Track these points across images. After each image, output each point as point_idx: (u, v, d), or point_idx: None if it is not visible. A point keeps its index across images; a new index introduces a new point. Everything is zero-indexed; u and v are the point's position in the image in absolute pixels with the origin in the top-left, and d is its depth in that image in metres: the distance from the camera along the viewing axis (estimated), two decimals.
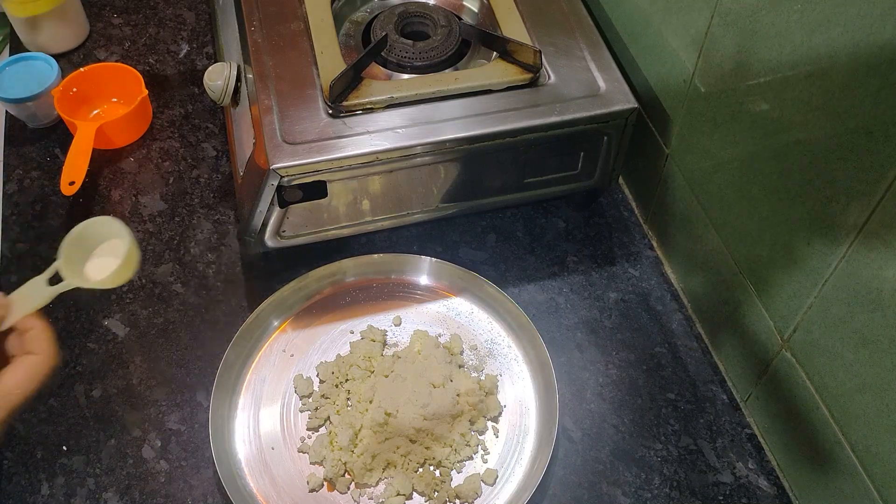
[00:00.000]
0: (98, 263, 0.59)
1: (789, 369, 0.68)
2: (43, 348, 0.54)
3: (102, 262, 0.59)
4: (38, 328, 0.54)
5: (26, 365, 0.53)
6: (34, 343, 0.54)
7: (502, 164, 0.78)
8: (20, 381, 0.52)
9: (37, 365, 0.53)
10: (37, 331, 0.54)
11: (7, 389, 0.52)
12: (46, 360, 0.54)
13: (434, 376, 0.74)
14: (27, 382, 0.52)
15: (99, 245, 0.60)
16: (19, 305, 0.55)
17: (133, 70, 0.94)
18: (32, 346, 0.53)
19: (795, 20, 0.57)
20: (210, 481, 0.71)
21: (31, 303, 0.55)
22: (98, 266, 0.59)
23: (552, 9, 0.84)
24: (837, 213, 0.57)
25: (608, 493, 0.72)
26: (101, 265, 0.59)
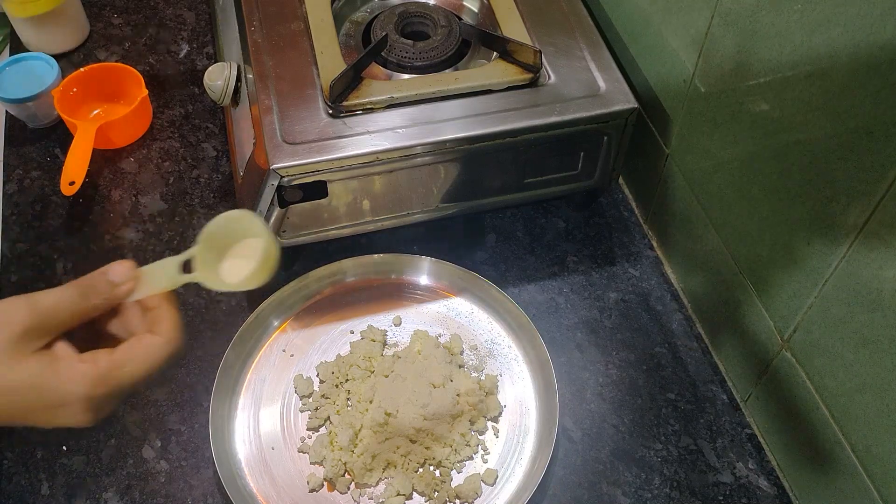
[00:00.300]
0: (233, 265, 0.55)
1: (789, 369, 0.68)
2: (165, 330, 0.50)
3: (237, 264, 0.55)
4: (164, 308, 0.51)
5: (144, 344, 0.49)
6: (158, 323, 0.50)
7: (502, 164, 0.78)
8: (134, 359, 0.49)
9: (155, 346, 0.50)
10: (162, 311, 0.51)
11: (119, 363, 0.48)
12: (167, 344, 0.50)
13: (434, 376, 0.74)
14: (142, 362, 0.49)
15: (236, 244, 0.55)
16: (148, 281, 0.52)
17: (133, 70, 0.94)
18: (155, 325, 0.50)
19: (795, 20, 0.57)
20: (210, 481, 0.71)
21: (159, 282, 0.52)
22: (232, 267, 0.55)
23: (552, 9, 0.84)
24: (837, 213, 0.57)
25: (608, 493, 0.72)
26: (236, 267, 0.55)
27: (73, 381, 0.46)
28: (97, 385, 0.47)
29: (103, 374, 0.47)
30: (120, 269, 0.51)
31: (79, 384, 0.46)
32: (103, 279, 0.50)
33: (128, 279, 0.51)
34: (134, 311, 0.52)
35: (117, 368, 0.48)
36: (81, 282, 0.49)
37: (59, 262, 0.83)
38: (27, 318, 0.46)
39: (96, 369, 0.47)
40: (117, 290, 0.50)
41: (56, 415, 0.47)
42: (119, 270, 0.51)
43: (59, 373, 0.46)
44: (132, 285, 0.51)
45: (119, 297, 0.51)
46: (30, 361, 0.46)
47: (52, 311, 0.47)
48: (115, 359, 0.48)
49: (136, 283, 0.51)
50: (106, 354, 0.48)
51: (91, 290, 0.49)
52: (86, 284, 0.49)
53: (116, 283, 0.50)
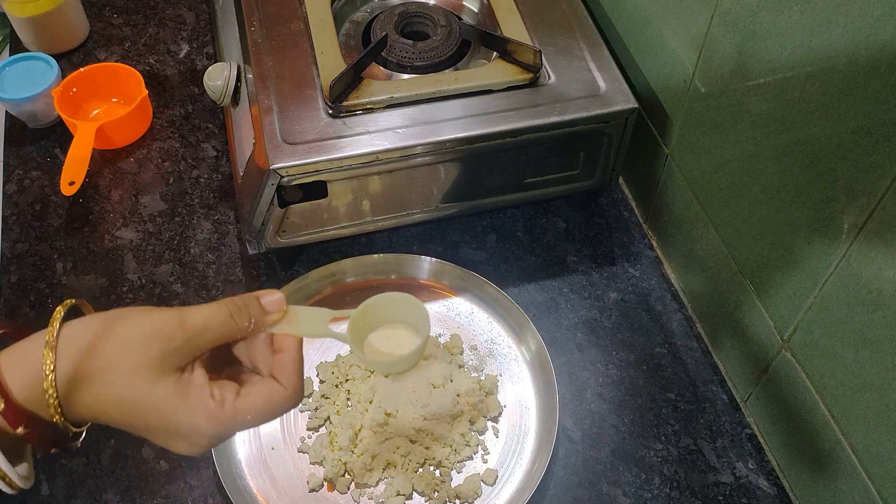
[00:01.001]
0: (380, 339, 0.54)
1: (789, 369, 0.68)
2: (291, 381, 0.49)
3: (386, 340, 0.54)
4: (292, 354, 0.50)
5: (267, 393, 0.48)
6: (284, 371, 0.49)
7: (502, 164, 0.78)
8: (256, 408, 0.48)
9: (279, 398, 0.48)
10: (291, 357, 0.50)
11: (241, 410, 0.47)
12: (291, 397, 0.49)
13: (434, 376, 0.74)
14: (263, 413, 0.48)
15: (389, 323, 0.55)
16: (294, 321, 0.51)
17: (133, 70, 0.94)
18: (281, 373, 0.49)
19: (795, 20, 0.57)
20: (210, 481, 0.71)
21: (306, 326, 0.51)
22: (380, 341, 0.54)
23: (552, 9, 0.84)
24: (837, 213, 0.57)
25: (608, 493, 0.72)
26: (384, 341, 0.54)
27: (198, 416, 0.46)
28: (219, 426, 0.46)
29: (228, 418, 0.46)
30: (272, 298, 0.50)
31: (203, 421, 0.46)
32: (256, 304, 0.50)
33: (278, 310, 0.50)
34: (264, 345, 0.51)
35: (241, 415, 0.47)
36: (234, 301, 0.49)
37: (59, 262, 0.84)
38: (178, 336, 0.46)
39: (222, 412, 0.46)
40: (266, 318, 0.50)
41: (170, 440, 0.46)
42: (272, 299, 0.50)
43: (189, 404, 0.46)
44: (280, 317, 0.51)
45: (265, 324, 0.50)
46: (167, 381, 0.45)
47: (201, 330, 0.47)
48: (241, 405, 0.47)
49: (283, 315, 0.51)
50: (232, 394, 0.47)
51: (242, 312, 0.49)
52: (238, 304, 0.49)
53: (268, 311, 0.50)
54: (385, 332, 0.55)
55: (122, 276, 0.83)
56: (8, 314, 0.80)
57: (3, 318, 0.79)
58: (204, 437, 0.46)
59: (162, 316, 0.46)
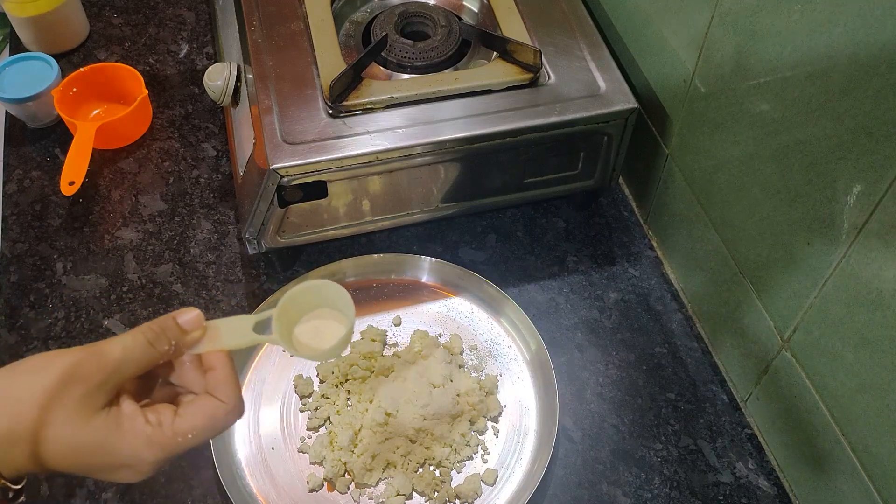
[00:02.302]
0: (308, 329, 0.53)
1: (789, 369, 0.68)
2: (230, 396, 0.48)
3: (313, 329, 0.53)
4: (226, 371, 0.49)
5: (208, 410, 0.48)
6: (220, 387, 0.48)
7: (502, 164, 0.78)
8: (197, 427, 0.47)
9: (220, 414, 0.48)
10: (224, 374, 0.49)
11: (182, 430, 0.46)
12: (232, 412, 0.48)
13: (434, 376, 0.74)
14: (205, 431, 0.47)
15: (313, 310, 0.54)
16: (216, 336, 0.50)
17: (133, 70, 0.94)
18: (217, 389, 0.48)
19: (795, 20, 0.57)
20: (210, 481, 0.71)
21: (229, 339, 0.50)
22: (308, 332, 0.53)
23: (552, 9, 0.84)
24: (837, 213, 0.57)
25: (608, 493, 0.72)
26: (312, 331, 0.53)
27: (137, 445, 0.45)
28: (160, 451, 0.46)
29: (167, 440, 0.46)
30: (190, 317, 0.49)
31: (142, 449, 0.45)
32: (173, 324, 0.49)
33: (197, 328, 0.50)
34: (191, 366, 0.50)
35: (181, 436, 0.46)
36: (151, 327, 0.48)
37: (59, 262, 0.84)
38: (98, 373, 0.45)
39: (161, 435, 0.46)
40: (186, 339, 0.49)
41: (116, 473, 0.46)
42: (189, 317, 0.49)
43: (126, 435, 0.45)
44: (200, 335, 0.50)
45: (186, 345, 0.49)
46: (97, 421, 0.45)
47: (121, 364, 0.46)
48: (180, 426, 0.46)
49: (203, 333, 0.50)
50: (170, 417, 0.47)
51: (160, 336, 0.48)
52: (155, 330, 0.48)
53: (186, 330, 0.49)
54: (311, 321, 0.54)
55: (122, 276, 0.83)
56: (8, 314, 0.80)
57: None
58: (147, 464, 0.46)
59: (76, 356, 0.45)
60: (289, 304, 0.52)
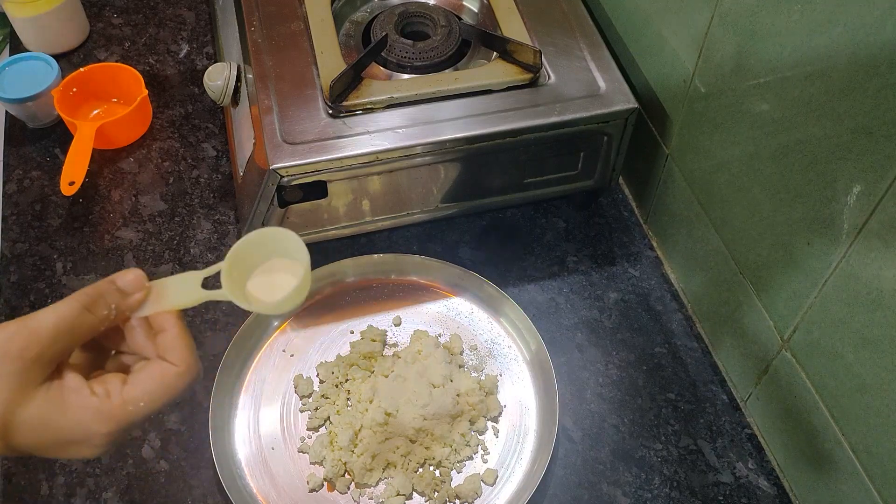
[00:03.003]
0: (261, 283, 0.49)
1: (789, 369, 0.68)
2: (181, 358, 0.45)
3: (266, 282, 0.49)
4: (175, 332, 0.46)
5: (158, 374, 0.45)
6: (170, 349, 0.45)
7: (502, 164, 0.78)
8: (148, 393, 0.44)
9: (172, 377, 0.45)
10: (174, 335, 0.46)
11: (132, 398, 0.44)
12: (184, 374, 0.45)
13: (434, 376, 0.74)
14: (157, 396, 0.44)
15: (266, 262, 0.50)
16: (162, 295, 0.46)
17: (133, 70, 0.94)
18: (168, 352, 0.45)
19: (795, 20, 0.57)
20: (210, 481, 0.71)
21: (175, 297, 0.46)
22: (262, 285, 0.49)
23: (552, 9, 0.84)
24: (837, 213, 0.57)
25: (608, 493, 0.72)
26: (265, 285, 0.49)
27: (84, 418, 0.43)
28: (110, 422, 0.43)
29: (117, 410, 0.43)
30: (130, 278, 0.46)
31: (91, 421, 0.43)
32: (111, 288, 0.46)
33: (138, 289, 0.46)
34: (140, 330, 0.47)
35: (132, 404, 0.44)
36: (86, 292, 0.45)
37: (58, 262, 0.84)
38: (31, 346, 0.42)
39: (109, 405, 0.43)
40: (127, 301, 0.46)
41: (68, 450, 0.44)
42: (129, 279, 0.46)
43: (70, 409, 0.43)
44: (143, 296, 0.46)
45: (129, 308, 0.46)
46: (37, 396, 0.42)
47: (54, 334, 0.43)
48: (129, 394, 0.44)
49: (146, 294, 0.46)
50: (118, 385, 0.44)
51: (97, 300, 0.45)
52: (91, 294, 0.45)
53: (127, 292, 0.46)
54: (263, 274, 0.49)
55: None
56: (8, 314, 0.80)
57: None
58: (99, 437, 0.43)
59: (7, 331, 0.42)
60: (239, 257, 0.48)
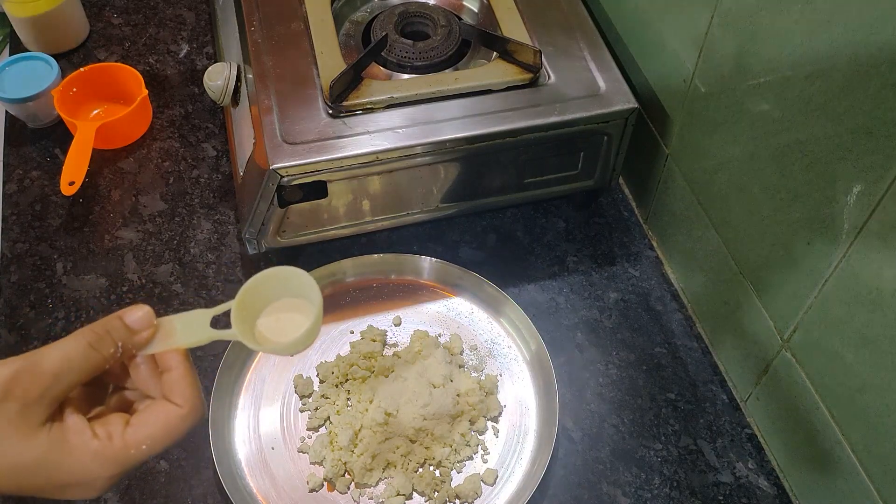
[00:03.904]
0: (270, 323, 0.49)
1: (789, 369, 0.68)
2: (186, 399, 0.44)
3: (277, 321, 0.49)
4: (181, 371, 0.45)
5: (162, 417, 0.44)
6: (176, 390, 0.44)
7: (502, 164, 0.78)
8: (151, 436, 0.43)
9: (176, 419, 0.44)
10: (180, 374, 0.45)
11: (134, 441, 0.43)
12: (188, 416, 0.44)
13: (434, 376, 0.74)
14: (160, 439, 0.43)
15: (276, 300, 0.49)
16: (170, 333, 0.46)
17: (133, 70, 0.94)
18: (173, 393, 0.44)
19: (795, 20, 0.57)
20: (210, 481, 0.71)
21: (184, 336, 0.46)
22: (271, 325, 0.49)
23: (552, 9, 0.84)
24: (837, 213, 0.57)
25: (608, 493, 0.72)
26: (275, 325, 0.49)
27: (86, 461, 0.42)
28: (113, 465, 0.43)
29: (119, 453, 0.43)
30: (138, 315, 0.46)
31: (92, 464, 0.42)
32: (118, 324, 0.45)
33: (146, 326, 0.46)
34: (145, 368, 0.46)
35: (134, 447, 0.43)
36: (93, 329, 0.44)
37: (59, 262, 0.84)
38: (34, 385, 0.41)
39: (112, 448, 0.42)
40: (134, 339, 0.45)
41: (66, 492, 0.43)
42: (137, 316, 0.45)
43: (72, 452, 0.42)
44: (150, 334, 0.46)
45: (136, 346, 0.45)
46: (38, 437, 0.41)
47: (59, 372, 0.42)
48: (132, 436, 0.43)
49: (154, 331, 0.46)
50: (120, 427, 0.43)
51: (104, 338, 0.44)
52: (97, 332, 0.44)
53: (134, 329, 0.45)
54: (273, 313, 0.49)
55: (122, 276, 0.83)
56: (8, 314, 0.80)
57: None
58: (100, 480, 0.43)
59: (10, 369, 0.41)
60: (249, 295, 0.48)
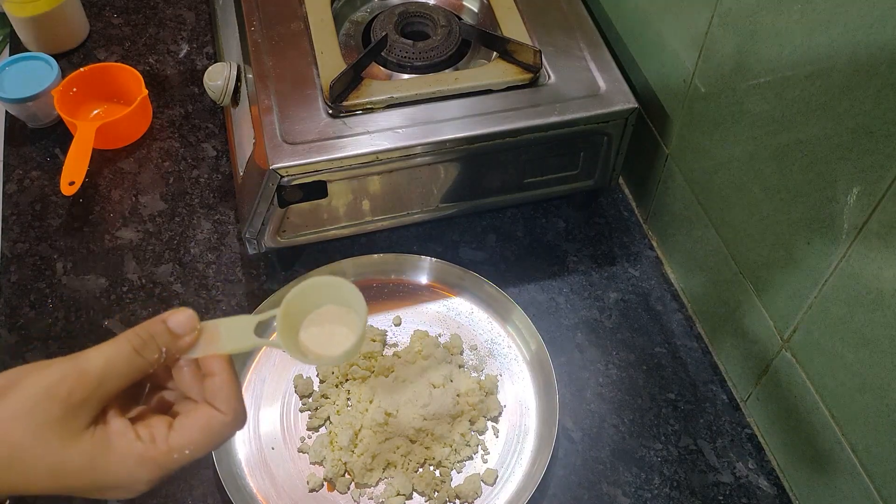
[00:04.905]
0: (315, 332, 0.49)
1: (789, 369, 0.68)
2: (230, 406, 0.44)
3: (322, 332, 0.49)
4: (225, 377, 0.45)
5: (205, 422, 0.44)
6: (219, 396, 0.44)
7: (502, 164, 0.78)
8: (194, 441, 0.43)
9: (219, 426, 0.44)
10: (223, 380, 0.45)
11: (177, 446, 0.43)
12: (231, 423, 0.44)
13: (434, 376, 0.74)
14: (203, 444, 0.43)
15: (319, 308, 0.49)
16: (214, 338, 0.46)
17: (133, 70, 0.94)
18: (216, 398, 0.44)
19: (795, 20, 0.57)
20: (210, 481, 0.71)
21: (229, 342, 0.46)
22: (316, 336, 0.49)
23: (552, 9, 0.84)
24: (837, 213, 0.57)
25: (608, 493, 0.72)
26: (320, 335, 0.49)
27: (129, 464, 0.42)
28: (155, 469, 0.42)
29: (162, 457, 0.43)
30: (181, 318, 0.45)
31: (136, 468, 0.42)
32: (162, 328, 0.45)
33: (190, 330, 0.46)
34: (188, 371, 0.46)
35: (177, 451, 0.43)
36: (137, 332, 0.44)
37: (59, 262, 0.84)
38: (79, 389, 0.41)
39: (156, 451, 0.42)
40: (178, 343, 0.45)
41: (105, 493, 0.43)
42: (180, 319, 0.45)
43: (115, 454, 0.42)
44: (194, 339, 0.46)
45: (179, 350, 0.45)
46: (82, 441, 0.41)
47: (104, 376, 0.42)
48: (175, 441, 0.43)
49: (197, 336, 0.46)
50: (164, 430, 0.43)
51: (148, 342, 0.44)
52: (142, 336, 0.44)
53: (178, 334, 0.45)
54: (317, 322, 0.49)
55: (122, 276, 0.83)
56: (8, 314, 0.80)
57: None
58: (142, 483, 0.43)
59: (56, 372, 0.41)
60: (294, 303, 0.48)
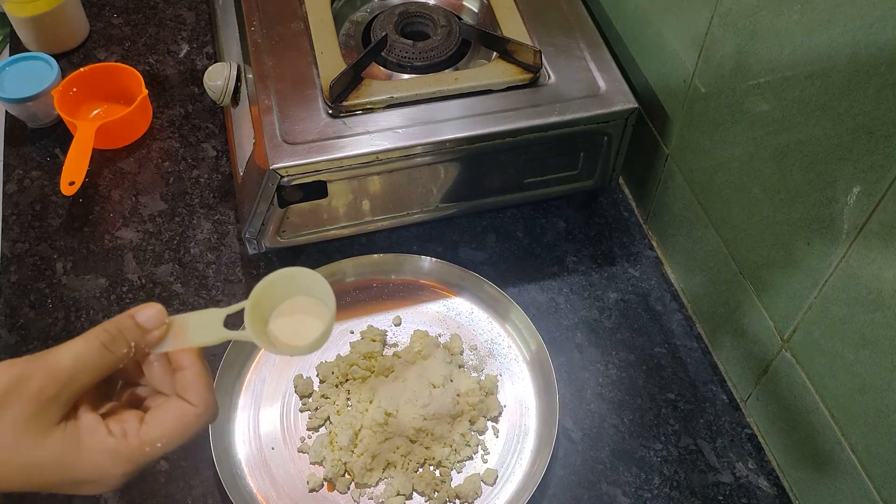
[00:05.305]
0: (284, 322, 0.49)
1: (789, 369, 0.68)
2: (201, 398, 0.44)
3: (290, 323, 0.49)
4: (195, 370, 0.45)
5: (177, 415, 0.44)
6: (190, 389, 0.45)
7: (502, 164, 0.78)
8: (166, 434, 0.44)
9: (190, 418, 0.44)
10: (194, 374, 0.45)
11: (149, 439, 0.43)
12: (203, 415, 0.45)
13: (434, 376, 0.74)
14: (175, 437, 0.44)
15: (288, 299, 0.50)
16: (183, 332, 0.46)
17: (133, 70, 0.94)
18: (187, 391, 0.45)
19: (795, 20, 0.57)
20: (210, 481, 0.71)
21: (197, 336, 0.46)
22: (285, 326, 0.49)
23: (552, 9, 0.84)
24: (837, 213, 0.57)
25: (608, 493, 0.72)
26: (289, 325, 0.49)
27: (100, 459, 0.42)
28: (127, 463, 0.43)
29: (134, 451, 0.43)
30: (150, 313, 0.46)
31: (107, 463, 0.42)
32: (130, 323, 0.45)
33: (158, 325, 0.46)
34: (159, 366, 0.46)
35: (149, 445, 0.43)
36: (105, 328, 0.44)
37: (59, 262, 0.84)
38: (49, 385, 0.41)
39: (127, 446, 0.43)
40: (147, 338, 0.45)
41: (78, 489, 0.43)
42: (149, 315, 0.46)
43: (86, 450, 0.42)
44: (163, 333, 0.46)
45: (149, 345, 0.46)
46: (53, 436, 0.41)
47: (73, 372, 0.42)
48: (147, 434, 0.43)
49: (166, 330, 0.46)
50: (135, 425, 0.44)
51: (117, 338, 0.44)
52: (110, 331, 0.44)
53: (147, 329, 0.46)
54: (286, 312, 0.50)
55: (122, 276, 0.83)
56: (8, 314, 0.80)
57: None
58: (114, 478, 0.43)
59: (25, 369, 0.41)
60: (262, 295, 0.48)
